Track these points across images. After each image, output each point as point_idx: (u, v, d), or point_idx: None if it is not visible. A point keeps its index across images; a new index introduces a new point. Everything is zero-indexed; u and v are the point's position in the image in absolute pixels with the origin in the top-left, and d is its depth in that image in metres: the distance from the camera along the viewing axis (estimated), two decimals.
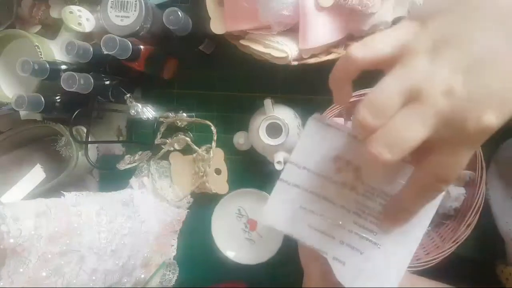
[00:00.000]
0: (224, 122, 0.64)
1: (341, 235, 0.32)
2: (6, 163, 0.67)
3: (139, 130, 0.68)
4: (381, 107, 0.25)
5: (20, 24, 0.68)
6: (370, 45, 0.27)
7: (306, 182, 0.32)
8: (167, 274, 0.64)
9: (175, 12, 0.53)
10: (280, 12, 0.49)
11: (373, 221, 0.31)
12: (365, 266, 0.31)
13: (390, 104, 0.25)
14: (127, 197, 0.60)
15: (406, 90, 0.24)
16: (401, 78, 0.25)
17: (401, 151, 0.24)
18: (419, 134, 0.24)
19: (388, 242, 0.31)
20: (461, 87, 0.23)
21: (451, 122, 0.24)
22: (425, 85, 0.24)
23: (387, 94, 0.25)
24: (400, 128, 0.24)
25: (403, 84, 0.25)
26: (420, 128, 0.24)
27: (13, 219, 0.42)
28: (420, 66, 0.25)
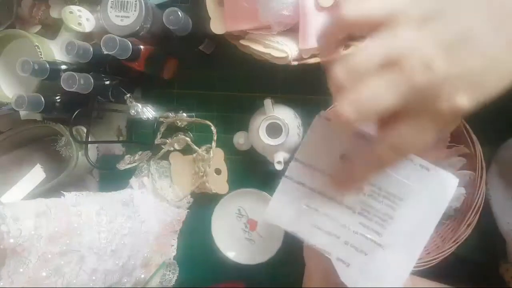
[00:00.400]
0: (224, 122, 0.64)
1: (346, 236, 0.31)
2: (6, 163, 0.67)
3: (139, 130, 0.68)
4: (357, 67, 0.25)
5: (20, 24, 0.68)
6: (362, 5, 0.26)
7: (311, 180, 0.32)
8: (167, 274, 0.64)
9: (175, 12, 0.53)
10: (280, 12, 0.49)
11: (379, 222, 0.31)
12: (369, 268, 0.31)
13: (367, 66, 0.24)
14: (127, 197, 0.60)
15: (386, 55, 0.24)
16: (383, 43, 0.25)
17: (368, 114, 0.24)
18: (390, 101, 0.24)
19: (393, 244, 0.31)
20: (441, 62, 0.23)
21: (424, 95, 0.24)
22: (406, 54, 0.24)
23: (366, 55, 0.25)
24: (372, 92, 0.24)
25: (384, 49, 0.24)
26: (392, 96, 0.24)
27: (13, 219, 0.42)
28: (405, 35, 0.24)
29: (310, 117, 0.57)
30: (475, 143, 0.48)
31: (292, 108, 0.59)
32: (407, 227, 0.31)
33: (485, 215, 0.49)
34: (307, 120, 0.59)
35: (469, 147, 0.49)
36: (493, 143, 0.54)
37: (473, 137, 0.49)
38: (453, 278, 0.43)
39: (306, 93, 0.62)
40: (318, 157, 0.32)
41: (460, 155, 0.50)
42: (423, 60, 0.23)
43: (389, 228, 0.31)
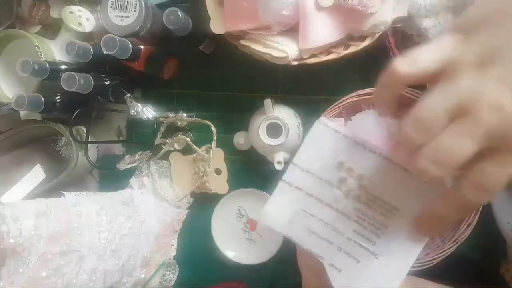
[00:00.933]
0: (224, 122, 0.64)
1: (339, 242, 0.32)
2: (6, 163, 0.67)
3: (139, 130, 0.68)
4: (427, 124, 0.25)
5: (20, 24, 0.68)
6: (416, 60, 0.26)
7: (308, 185, 0.32)
8: (167, 274, 0.64)
9: (175, 12, 0.53)
10: (280, 12, 0.49)
11: (373, 231, 0.31)
12: (361, 275, 0.31)
13: (437, 121, 0.25)
14: (127, 197, 0.60)
15: (452, 107, 0.24)
16: (447, 94, 0.25)
17: (449, 167, 0.24)
18: (468, 149, 0.24)
19: (386, 253, 0.31)
20: (509, 101, 0.23)
21: (501, 135, 0.24)
22: (473, 99, 0.24)
23: (433, 111, 0.25)
24: (448, 144, 0.24)
25: (449, 100, 0.24)
26: (468, 144, 0.24)
27: (13, 219, 0.42)
28: (466, 82, 0.24)
29: (310, 117, 0.58)
30: None
31: (292, 108, 0.59)
32: (401, 236, 0.31)
33: (485, 215, 0.49)
34: (307, 120, 0.59)
35: None
36: None
37: None
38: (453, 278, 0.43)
39: (306, 93, 0.62)
40: (315, 163, 0.32)
41: None
42: (490, 103, 0.23)
43: (383, 237, 0.31)
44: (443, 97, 0.25)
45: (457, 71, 0.25)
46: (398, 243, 0.31)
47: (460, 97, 0.24)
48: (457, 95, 0.24)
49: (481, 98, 0.24)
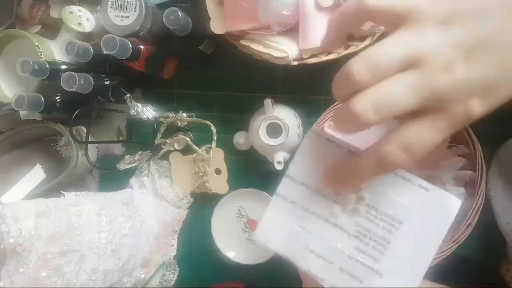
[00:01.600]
0: (224, 122, 0.64)
1: (341, 261, 0.29)
2: (6, 163, 0.67)
3: (139, 130, 0.68)
4: (378, 64, 0.24)
5: (20, 24, 0.68)
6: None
7: (304, 199, 0.30)
8: (167, 274, 0.64)
9: (175, 12, 0.53)
10: (280, 12, 0.49)
11: (376, 247, 0.29)
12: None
13: (389, 64, 0.24)
14: (127, 197, 0.60)
15: (408, 55, 0.24)
16: (406, 41, 0.24)
17: (386, 115, 0.24)
18: (409, 102, 0.23)
19: (391, 271, 0.28)
20: (461, 67, 0.23)
21: (441, 97, 0.23)
22: (428, 55, 0.23)
23: (388, 53, 0.24)
24: (392, 92, 0.23)
25: (407, 48, 0.24)
26: (411, 96, 0.23)
27: (13, 219, 0.42)
28: (428, 35, 0.24)
29: (310, 117, 0.58)
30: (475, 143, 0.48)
31: (292, 108, 0.59)
32: (406, 252, 0.29)
33: (485, 215, 0.49)
34: (307, 120, 0.59)
35: (469, 147, 0.49)
36: (493, 143, 0.54)
37: (473, 137, 0.48)
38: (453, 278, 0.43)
39: (306, 93, 0.62)
40: (310, 174, 0.30)
41: (460, 155, 0.50)
42: (444, 63, 0.23)
43: (386, 253, 0.29)
44: (402, 43, 0.24)
45: (421, 20, 0.24)
46: (403, 259, 0.28)
47: (417, 47, 0.24)
48: (415, 45, 0.24)
49: (436, 54, 0.23)
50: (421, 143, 0.24)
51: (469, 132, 0.49)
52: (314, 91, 0.61)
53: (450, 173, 0.50)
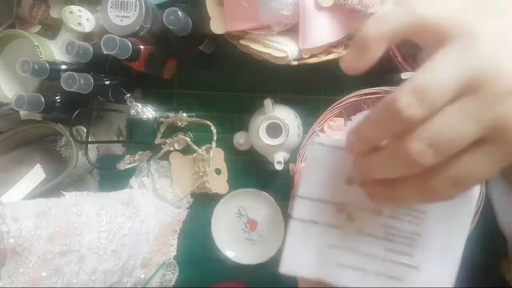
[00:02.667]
0: (224, 122, 0.64)
1: (375, 266, 0.28)
2: (6, 163, 0.67)
3: (139, 130, 0.68)
4: (433, 94, 0.20)
5: (20, 24, 0.68)
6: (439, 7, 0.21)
7: (323, 215, 0.29)
8: (167, 274, 0.64)
9: (175, 12, 0.53)
10: (280, 12, 0.49)
11: (406, 243, 0.28)
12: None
13: (444, 93, 0.20)
14: (127, 197, 0.60)
15: (464, 79, 0.20)
16: (460, 63, 0.20)
17: (447, 152, 0.20)
18: (471, 133, 0.20)
19: (427, 263, 0.28)
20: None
21: (504, 126, 0.20)
22: (489, 76, 0.20)
23: (442, 80, 0.20)
24: (451, 125, 0.20)
25: (461, 70, 0.20)
26: (473, 128, 0.20)
27: (13, 219, 0.42)
28: (485, 51, 0.20)
29: (310, 117, 0.58)
30: None
31: (292, 108, 0.59)
32: (437, 241, 0.28)
33: (485, 215, 0.49)
34: (307, 120, 0.59)
35: None
36: None
37: None
38: None
39: (306, 93, 0.62)
40: (323, 188, 0.29)
41: None
42: (507, 84, 0.20)
43: (418, 246, 0.28)
44: (455, 65, 0.20)
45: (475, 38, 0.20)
46: (436, 248, 0.28)
47: (474, 69, 0.20)
48: (471, 67, 0.20)
49: (498, 75, 0.20)
50: (474, 177, 0.21)
51: None
52: (314, 91, 0.61)
53: None
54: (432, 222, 0.28)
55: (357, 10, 0.49)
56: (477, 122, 0.20)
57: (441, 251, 0.28)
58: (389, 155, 0.22)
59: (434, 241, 0.28)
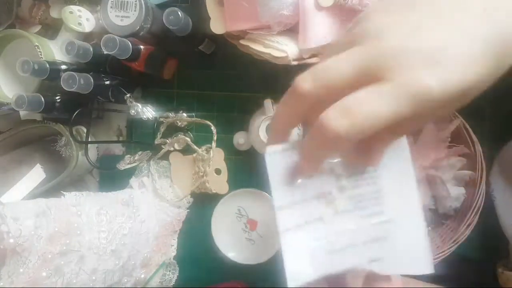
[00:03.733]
0: (224, 122, 0.64)
1: (359, 237, 0.30)
2: (6, 163, 0.67)
3: (139, 130, 0.68)
4: (325, 73, 0.23)
5: (20, 24, 0.68)
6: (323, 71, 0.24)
7: (304, 215, 0.30)
8: (167, 274, 0.64)
9: (175, 12, 0.53)
10: (280, 12, 0.49)
11: (373, 203, 0.30)
12: (396, 247, 0.30)
13: (338, 74, 0.23)
14: (127, 197, 0.60)
15: (360, 66, 0.23)
16: (357, 53, 0.23)
17: (328, 89, 0.23)
18: (350, 70, 0.23)
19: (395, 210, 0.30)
20: (399, 34, 0.22)
21: (384, 64, 0.22)
22: (366, 28, 0.24)
23: (336, 62, 0.23)
24: (337, 65, 0.23)
25: (357, 57, 0.23)
26: (353, 64, 0.23)
27: (13, 219, 0.42)
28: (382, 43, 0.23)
29: None
30: (475, 143, 0.48)
31: None
32: (394, 189, 0.30)
33: (485, 215, 0.49)
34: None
35: (469, 147, 0.49)
36: (493, 143, 0.54)
37: (473, 137, 0.49)
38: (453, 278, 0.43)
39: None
40: (294, 190, 0.30)
41: (460, 155, 0.51)
42: (379, 29, 0.23)
43: (383, 201, 0.30)
44: (353, 54, 0.23)
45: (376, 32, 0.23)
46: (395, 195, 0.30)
47: (372, 60, 0.22)
48: (370, 56, 0.23)
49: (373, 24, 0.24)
50: (363, 109, 0.22)
51: (469, 132, 0.49)
52: None
53: (450, 173, 0.50)
54: (384, 176, 0.30)
55: (357, 10, 0.49)
56: (358, 60, 0.22)
57: (401, 196, 0.30)
58: (312, 138, 0.24)
59: (392, 191, 0.30)
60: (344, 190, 0.30)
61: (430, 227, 0.54)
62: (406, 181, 0.30)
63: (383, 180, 0.30)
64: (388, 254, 0.29)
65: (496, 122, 0.55)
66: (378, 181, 0.30)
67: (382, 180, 0.30)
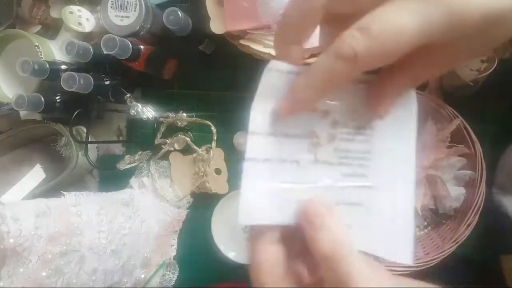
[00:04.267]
0: (224, 122, 0.64)
1: (334, 195, 0.26)
2: (6, 163, 0.67)
3: (139, 130, 0.68)
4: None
5: (20, 24, 0.68)
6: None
7: (278, 151, 0.26)
8: (167, 274, 0.64)
9: (175, 12, 0.53)
10: (280, 12, 0.49)
11: (359, 163, 0.26)
12: (372, 221, 0.26)
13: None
14: (127, 197, 0.60)
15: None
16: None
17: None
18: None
19: (384, 179, 0.26)
20: None
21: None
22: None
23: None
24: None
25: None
26: None
27: (13, 219, 0.42)
28: None
29: None
30: (475, 143, 0.48)
31: None
32: (388, 154, 0.26)
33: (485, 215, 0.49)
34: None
35: (469, 147, 0.49)
36: (493, 143, 0.54)
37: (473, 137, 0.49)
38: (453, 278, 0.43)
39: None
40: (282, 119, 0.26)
41: (460, 155, 0.50)
42: None
43: (371, 164, 0.26)
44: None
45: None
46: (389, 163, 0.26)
47: None
48: None
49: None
50: (382, 22, 0.19)
51: (469, 132, 0.49)
52: None
53: (450, 173, 0.50)
54: (380, 136, 0.26)
55: None
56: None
57: (394, 163, 0.26)
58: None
59: (384, 157, 0.26)
60: (332, 139, 0.26)
61: (430, 227, 0.54)
62: (404, 149, 0.26)
63: (377, 142, 0.26)
64: (359, 223, 0.26)
65: (496, 122, 0.55)
66: (371, 140, 0.26)
67: (376, 141, 0.26)
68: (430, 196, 0.52)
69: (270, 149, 0.26)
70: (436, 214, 0.53)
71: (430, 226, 0.54)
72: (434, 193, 0.52)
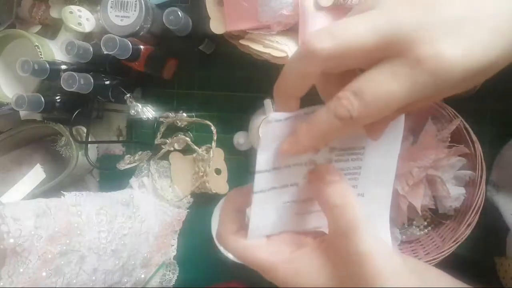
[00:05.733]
0: (224, 122, 0.64)
1: None
2: (6, 163, 0.67)
3: (139, 130, 0.68)
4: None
5: (20, 24, 0.68)
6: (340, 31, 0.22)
7: (282, 179, 0.30)
8: (167, 274, 0.64)
9: (175, 12, 0.53)
10: (279, 11, 0.49)
11: (352, 177, 0.30)
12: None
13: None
14: (127, 197, 0.60)
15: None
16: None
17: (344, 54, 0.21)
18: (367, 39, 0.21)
19: (368, 186, 0.30)
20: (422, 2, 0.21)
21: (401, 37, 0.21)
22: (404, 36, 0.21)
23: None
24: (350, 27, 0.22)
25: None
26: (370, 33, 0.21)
27: (13, 219, 0.42)
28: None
29: None
30: (475, 143, 0.48)
31: None
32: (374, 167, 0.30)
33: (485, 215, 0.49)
34: None
35: (469, 147, 0.49)
36: (493, 143, 0.54)
37: (473, 137, 0.49)
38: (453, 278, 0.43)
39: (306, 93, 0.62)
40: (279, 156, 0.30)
41: (460, 155, 0.50)
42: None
43: (361, 177, 0.30)
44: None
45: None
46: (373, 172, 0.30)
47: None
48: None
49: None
50: (373, 89, 0.21)
51: (469, 132, 0.49)
52: (314, 90, 0.61)
53: (450, 173, 0.50)
54: (369, 154, 0.30)
55: None
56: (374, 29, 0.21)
57: (378, 174, 0.30)
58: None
59: (372, 168, 0.30)
60: (329, 162, 0.30)
61: (430, 227, 0.54)
62: (388, 160, 0.30)
63: (367, 158, 0.30)
64: None
65: (496, 122, 0.55)
66: (363, 159, 0.30)
67: (366, 158, 0.30)
68: (430, 196, 0.52)
69: (274, 180, 0.30)
70: (436, 214, 0.53)
71: (430, 226, 0.54)
72: (434, 193, 0.52)
